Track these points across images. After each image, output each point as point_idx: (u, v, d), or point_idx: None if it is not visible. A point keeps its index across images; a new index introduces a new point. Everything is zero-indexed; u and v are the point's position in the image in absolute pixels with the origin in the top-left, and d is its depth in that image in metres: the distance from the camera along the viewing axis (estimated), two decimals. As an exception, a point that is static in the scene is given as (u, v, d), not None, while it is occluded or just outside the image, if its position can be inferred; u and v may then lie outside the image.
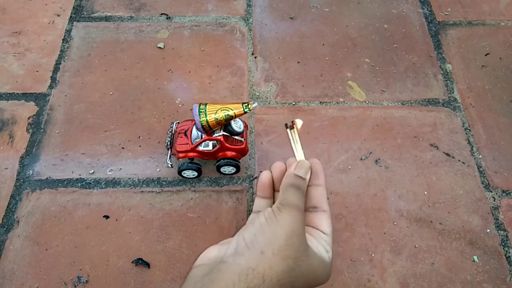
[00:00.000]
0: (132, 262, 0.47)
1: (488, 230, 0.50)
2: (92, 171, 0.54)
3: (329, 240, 0.37)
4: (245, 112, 0.44)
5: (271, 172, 0.39)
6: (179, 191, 0.52)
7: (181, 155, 0.49)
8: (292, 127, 0.39)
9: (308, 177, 0.37)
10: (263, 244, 0.32)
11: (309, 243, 0.35)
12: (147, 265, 0.47)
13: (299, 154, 0.39)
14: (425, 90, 0.62)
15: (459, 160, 0.55)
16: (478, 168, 0.55)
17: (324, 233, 0.37)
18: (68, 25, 0.68)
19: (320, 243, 0.36)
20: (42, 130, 0.57)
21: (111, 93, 0.61)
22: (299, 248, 0.33)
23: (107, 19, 0.69)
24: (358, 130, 0.58)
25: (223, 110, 0.44)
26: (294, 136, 0.39)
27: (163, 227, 0.50)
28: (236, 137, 0.49)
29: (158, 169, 0.54)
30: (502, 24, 0.70)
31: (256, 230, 0.33)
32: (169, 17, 0.70)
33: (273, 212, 0.34)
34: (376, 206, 0.51)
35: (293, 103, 0.60)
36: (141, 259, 0.47)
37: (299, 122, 0.39)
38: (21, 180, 0.53)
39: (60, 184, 0.53)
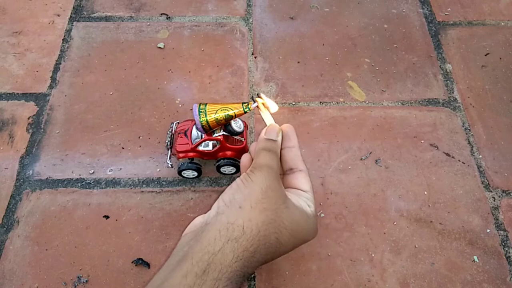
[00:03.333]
0: (132, 262, 0.47)
1: (488, 230, 0.50)
2: (92, 171, 0.54)
3: (309, 197, 0.38)
4: (245, 112, 0.44)
5: (250, 154, 0.41)
6: (179, 191, 0.52)
7: (181, 155, 0.49)
8: (255, 100, 0.42)
9: (279, 139, 0.39)
10: (241, 200, 0.34)
11: (290, 199, 0.36)
12: (147, 265, 0.47)
13: (269, 121, 0.41)
14: (425, 90, 0.62)
15: (459, 160, 0.55)
16: (478, 168, 0.55)
17: (303, 190, 0.39)
18: (68, 25, 0.68)
19: (301, 199, 0.38)
20: (42, 130, 0.57)
21: (111, 93, 0.61)
22: (276, 201, 0.34)
23: (107, 19, 0.69)
24: (358, 130, 0.58)
25: (223, 110, 0.44)
26: (262, 107, 0.42)
27: (163, 227, 0.50)
28: (236, 137, 0.49)
29: (158, 169, 0.54)
30: (502, 24, 0.70)
31: (233, 190, 0.35)
32: (169, 17, 0.70)
33: (247, 174, 0.36)
34: (376, 206, 0.51)
35: (293, 103, 0.60)
36: (141, 259, 0.47)
37: (266, 99, 0.42)
38: (21, 180, 0.53)
39: (60, 184, 0.53)
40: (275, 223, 0.34)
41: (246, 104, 0.43)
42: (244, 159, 0.41)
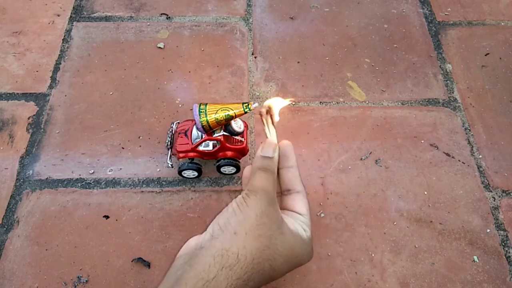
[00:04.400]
0: (132, 261, 0.47)
1: (488, 230, 0.50)
2: (92, 171, 0.54)
3: (305, 220, 0.38)
4: (245, 112, 0.44)
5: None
6: (179, 191, 0.52)
7: (181, 155, 0.49)
8: (266, 113, 0.40)
9: (276, 155, 0.38)
10: (236, 226, 0.34)
11: (286, 223, 0.36)
12: (147, 265, 0.47)
13: (269, 134, 0.40)
14: (425, 90, 0.62)
15: (459, 160, 0.55)
16: (478, 168, 0.55)
17: (299, 214, 0.38)
18: (68, 25, 0.68)
19: (297, 223, 0.37)
20: (42, 130, 0.57)
21: (111, 93, 0.61)
22: (271, 227, 0.34)
23: (107, 19, 0.69)
24: (358, 130, 0.58)
25: (223, 110, 0.44)
26: (267, 120, 0.40)
27: (163, 227, 0.50)
28: (236, 137, 0.49)
29: (158, 169, 0.54)
30: (502, 24, 0.70)
31: (229, 214, 0.35)
32: (169, 17, 0.70)
33: (243, 198, 0.35)
34: (376, 206, 0.51)
35: (293, 103, 0.60)
36: (141, 258, 0.47)
37: (280, 103, 0.40)
38: (21, 180, 0.53)
39: (60, 184, 0.53)
40: (269, 250, 0.33)
41: (247, 104, 0.43)
42: (246, 171, 0.40)
